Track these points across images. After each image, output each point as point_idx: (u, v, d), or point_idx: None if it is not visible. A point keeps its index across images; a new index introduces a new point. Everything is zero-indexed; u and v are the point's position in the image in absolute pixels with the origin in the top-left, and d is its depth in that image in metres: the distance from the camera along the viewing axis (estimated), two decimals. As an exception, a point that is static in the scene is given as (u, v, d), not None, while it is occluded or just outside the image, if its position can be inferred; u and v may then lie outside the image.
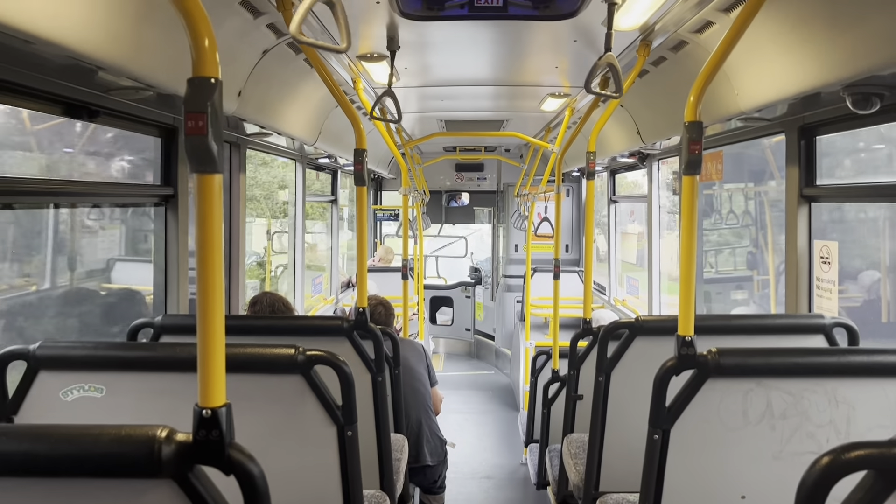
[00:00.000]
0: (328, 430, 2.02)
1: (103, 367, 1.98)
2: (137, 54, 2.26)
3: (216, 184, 1.19)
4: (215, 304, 1.20)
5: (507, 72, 4.46)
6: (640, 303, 6.72)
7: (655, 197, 6.04)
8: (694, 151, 1.92)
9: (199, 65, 1.18)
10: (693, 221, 2.06)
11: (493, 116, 6.50)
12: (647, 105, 4.61)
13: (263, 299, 3.51)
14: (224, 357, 1.21)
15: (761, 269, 6.54)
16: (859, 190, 3.35)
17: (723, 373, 1.92)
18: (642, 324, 2.76)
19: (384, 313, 4.10)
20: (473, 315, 11.29)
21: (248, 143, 4.46)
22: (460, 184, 10.91)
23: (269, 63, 3.40)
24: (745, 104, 3.10)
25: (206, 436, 1.17)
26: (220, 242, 1.21)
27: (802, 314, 3.36)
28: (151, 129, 3.34)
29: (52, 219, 3.70)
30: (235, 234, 4.31)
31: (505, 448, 7.27)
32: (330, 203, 7.96)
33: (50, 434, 1.17)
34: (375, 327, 2.72)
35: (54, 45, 1.83)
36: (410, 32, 3.35)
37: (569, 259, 9.95)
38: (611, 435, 2.83)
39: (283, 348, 1.96)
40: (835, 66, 2.37)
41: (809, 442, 1.92)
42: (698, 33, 3.07)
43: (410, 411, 3.97)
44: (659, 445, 1.99)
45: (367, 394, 2.66)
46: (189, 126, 1.15)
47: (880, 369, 1.92)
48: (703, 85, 1.97)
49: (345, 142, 5.86)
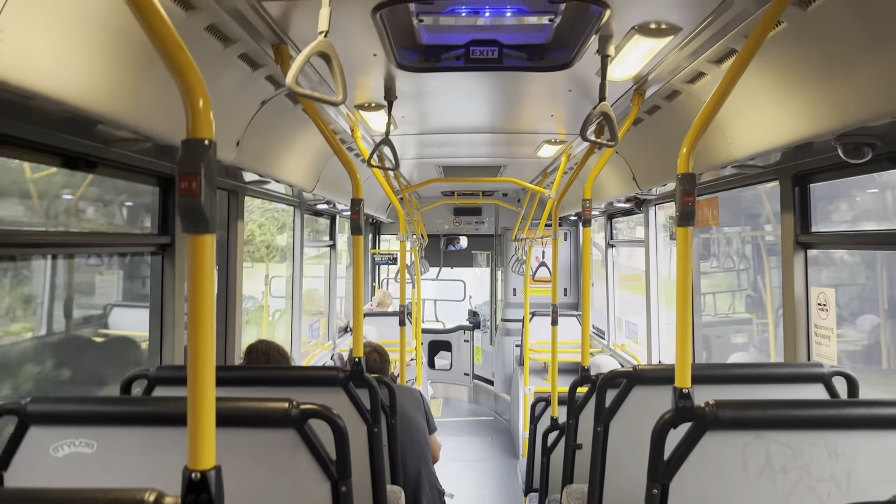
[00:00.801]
0: (322, 486, 1.98)
1: (94, 422, 1.95)
2: (136, 107, 2.28)
3: (208, 243, 1.19)
4: (206, 364, 1.19)
5: (503, 120, 4.51)
6: (640, 347, 6.69)
7: (653, 241, 6.05)
8: (687, 203, 1.93)
9: (193, 126, 1.18)
10: (688, 271, 2.05)
11: (490, 162, 6.56)
12: (642, 152, 4.65)
13: (259, 347, 3.49)
14: (214, 418, 1.19)
15: (760, 312, 6.52)
16: (855, 237, 3.36)
17: (721, 425, 1.90)
18: (640, 373, 2.74)
19: (379, 360, 4.07)
20: (472, 359, 11.21)
21: (246, 190, 4.48)
22: (458, 228, 10.95)
23: (267, 113, 3.44)
24: (739, 153, 3.13)
25: (196, 500, 1.15)
26: (213, 300, 1.21)
27: (801, 363, 3.33)
28: (149, 179, 3.36)
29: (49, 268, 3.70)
30: (232, 281, 4.31)
31: (504, 497, 7.16)
32: (328, 248, 7.97)
33: (41, 499, 1.15)
34: (371, 377, 2.70)
35: (55, 101, 1.85)
36: (407, 83, 3.39)
37: (567, 303, 9.93)
38: (610, 486, 2.79)
39: (276, 402, 1.93)
40: (826, 116, 2.39)
41: (811, 497, 1.89)
42: (691, 83, 3.12)
43: (408, 462, 3.90)
44: (658, 500, 1.95)
45: (363, 444, 2.62)
46: (182, 187, 1.15)
47: (880, 421, 1.90)
48: (695, 137, 1.98)
49: (343, 188, 5.89)
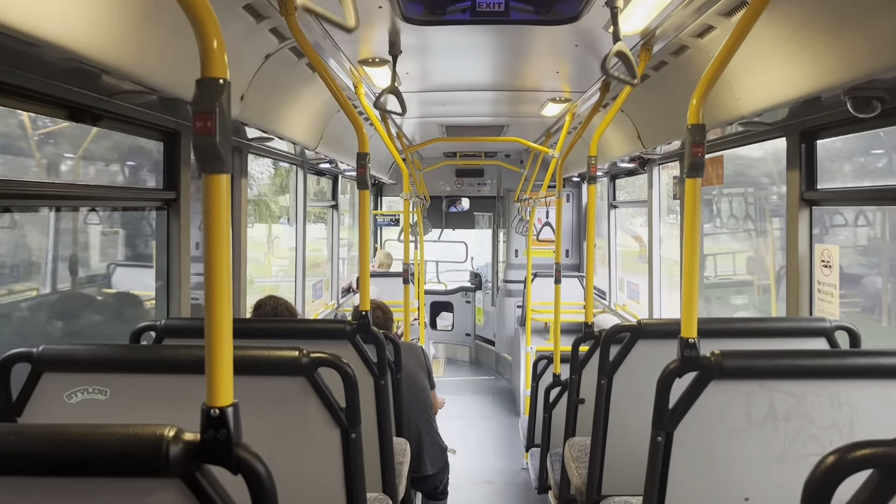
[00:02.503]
0: (332, 433, 2.02)
1: (107, 370, 1.98)
2: (141, 58, 2.27)
3: (224, 184, 1.20)
4: (223, 302, 1.20)
5: (507, 77, 4.47)
6: (641, 308, 6.73)
7: (656, 201, 6.05)
8: (697, 154, 1.93)
9: (207, 65, 1.18)
10: (696, 224, 2.06)
11: (493, 122, 6.52)
12: (647, 109, 4.62)
13: (267, 303, 3.52)
14: (231, 353, 1.21)
15: (762, 273, 6.54)
16: (860, 193, 3.35)
17: (726, 375, 1.92)
18: (644, 327, 2.76)
19: (382, 317, 4.11)
20: (474, 320, 11.29)
21: (249, 147, 4.47)
22: (461, 189, 10.93)
23: (271, 67, 3.41)
24: (746, 108, 3.11)
25: (214, 435, 1.17)
26: (228, 241, 1.21)
27: (804, 317, 3.36)
28: (154, 133, 3.35)
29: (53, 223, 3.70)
30: (237, 238, 4.31)
31: (506, 453, 7.27)
32: (331, 208, 7.97)
33: (58, 434, 1.17)
34: (378, 331, 2.72)
35: (59, 49, 1.83)
36: (412, 37, 3.36)
37: (569, 264, 9.95)
38: (613, 438, 2.83)
39: (287, 350, 1.96)
40: (835, 69, 2.37)
41: (813, 444, 1.92)
42: (699, 38, 3.08)
43: (412, 420, 3.96)
44: (662, 448, 1.99)
45: (369, 397, 2.66)
46: (198, 126, 1.15)
47: (883, 371, 1.92)
48: (705, 88, 1.97)
49: (346, 146, 5.87)
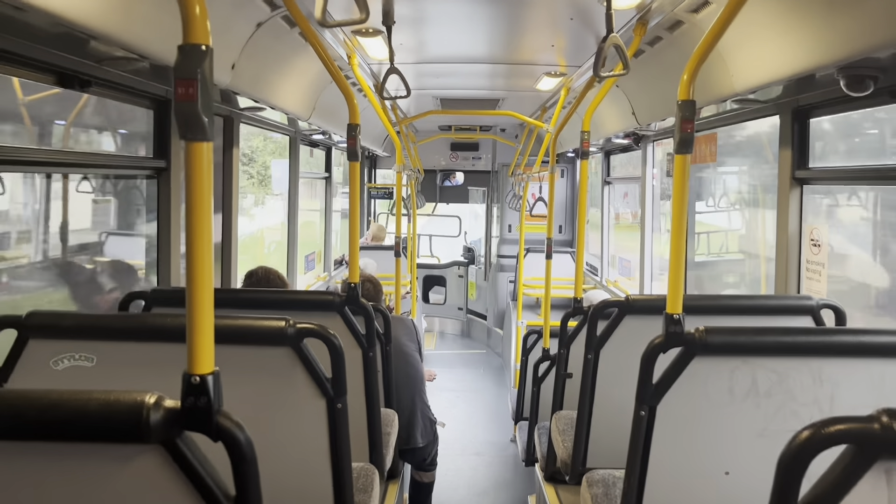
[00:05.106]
0: (317, 403, 2.03)
1: (94, 337, 1.98)
2: (130, 24, 2.24)
3: (206, 151, 1.19)
4: (204, 270, 1.20)
5: (503, 49, 4.44)
6: (633, 284, 6.75)
7: (649, 178, 6.04)
8: (686, 130, 1.92)
9: (189, 31, 1.16)
10: (684, 200, 2.06)
11: (488, 95, 6.48)
12: (642, 85, 4.60)
13: (258, 272, 3.52)
14: (213, 323, 1.21)
15: (752, 252, 6.56)
16: (852, 172, 3.35)
17: (709, 350, 1.94)
18: (632, 303, 2.77)
19: (373, 290, 4.11)
20: (466, 294, 11.32)
21: (241, 117, 4.43)
22: (455, 163, 10.89)
23: (263, 36, 3.37)
24: (740, 85, 3.10)
25: (195, 402, 1.18)
26: (210, 209, 1.21)
27: (791, 295, 3.38)
28: (144, 101, 3.32)
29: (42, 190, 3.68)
30: (228, 208, 4.30)
31: (494, 425, 7.33)
32: (324, 180, 7.94)
33: (40, 398, 1.17)
34: (367, 303, 2.73)
35: (45, 13, 1.81)
36: (407, 7, 3.32)
37: (562, 240, 9.97)
38: (598, 412, 2.86)
39: (273, 320, 1.96)
40: (830, 47, 2.36)
41: (793, 420, 1.94)
42: (695, 13, 3.06)
43: (402, 394, 3.98)
44: (645, 422, 2.01)
45: (357, 369, 2.67)
46: (179, 93, 1.14)
47: (865, 349, 1.94)
48: (697, 63, 1.95)
49: (339, 117, 5.83)
